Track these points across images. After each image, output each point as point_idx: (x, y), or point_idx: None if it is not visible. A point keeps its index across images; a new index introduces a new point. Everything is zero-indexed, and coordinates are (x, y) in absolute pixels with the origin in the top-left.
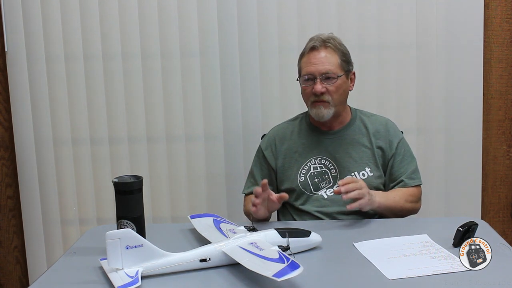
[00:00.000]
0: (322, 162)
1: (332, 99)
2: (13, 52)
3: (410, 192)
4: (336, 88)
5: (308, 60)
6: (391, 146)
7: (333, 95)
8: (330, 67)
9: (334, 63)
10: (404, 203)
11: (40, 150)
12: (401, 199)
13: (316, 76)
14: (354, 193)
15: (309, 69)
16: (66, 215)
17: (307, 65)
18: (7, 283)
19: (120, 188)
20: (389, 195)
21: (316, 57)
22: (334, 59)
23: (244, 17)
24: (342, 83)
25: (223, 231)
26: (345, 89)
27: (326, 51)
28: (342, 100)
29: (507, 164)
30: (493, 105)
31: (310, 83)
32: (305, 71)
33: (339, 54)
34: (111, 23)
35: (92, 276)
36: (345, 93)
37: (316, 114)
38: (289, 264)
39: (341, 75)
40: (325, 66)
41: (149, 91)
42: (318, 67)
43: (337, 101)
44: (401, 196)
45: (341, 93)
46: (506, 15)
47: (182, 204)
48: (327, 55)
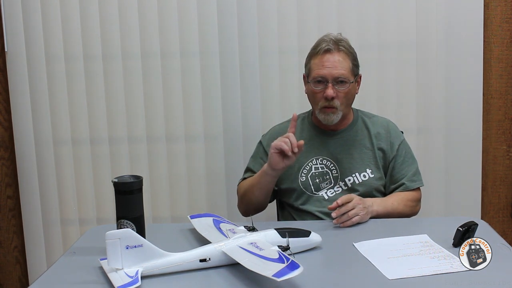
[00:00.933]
0: (323, 162)
1: (341, 104)
2: (13, 52)
3: (409, 196)
4: (346, 94)
5: (320, 62)
6: (392, 148)
7: (342, 101)
8: (343, 72)
9: (347, 68)
10: (403, 208)
11: (40, 150)
12: (399, 204)
13: (328, 80)
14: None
15: (321, 72)
16: (66, 215)
17: (320, 67)
18: (7, 283)
19: (120, 188)
20: (387, 202)
21: (329, 61)
22: (347, 64)
23: (244, 17)
24: (352, 88)
25: (223, 231)
26: (353, 94)
27: (339, 55)
28: (349, 104)
29: (507, 164)
30: (493, 105)
31: (321, 86)
32: (317, 73)
33: (351, 58)
34: (111, 23)
35: (92, 276)
36: (353, 98)
37: (324, 119)
38: (289, 264)
39: (352, 82)
40: (338, 70)
41: (149, 91)
42: (331, 71)
43: (345, 106)
44: (399, 201)
45: (349, 98)
46: (506, 15)
47: (182, 204)
48: (340, 59)
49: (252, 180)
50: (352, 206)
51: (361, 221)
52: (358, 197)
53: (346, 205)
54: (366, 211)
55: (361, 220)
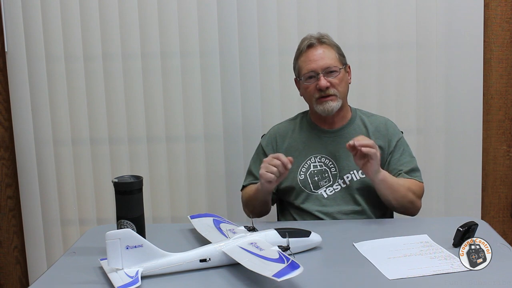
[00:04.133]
0: (322, 160)
1: (338, 91)
2: (13, 52)
3: (414, 183)
4: (340, 80)
5: (307, 58)
6: (390, 144)
7: (338, 88)
8: (330, 61)
9: (333, 57)
10: (407, 191)
11: (40, 150)
12: (404, 185)
13: (318, 72)
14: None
15: (310, 67)
16: (66, 215)
17: (307, 63)
18: (7, 283)
19: (120, 188)
20: (393, 178)
21: (315, 54)
22: (332, 54)
23: (244, 17)
24: (343, 75)
25: (223, 231)
26: (346, 82)
27: (322, 47)
28: (345, 93)
29: (507, 164)
30: (493, 105)
31: (312, 80)
32: (306, 69)
33: (335, 49)
34: (111, 23)
35: (92, 276)
36: (347, 86)
37: (323, 110)
38: (289, 264)
39: (342, 68)
40: (325, 61)
41: (149, 91)
42: (319, 63)
43: (343, 94)
44: (405, 182)
45: (344, 85)
46: (506, 15)
47: (182, 204)
48: (325, 50)
49: (250, 193)
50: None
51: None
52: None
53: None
54: (377, 162)
55: (373, 158)
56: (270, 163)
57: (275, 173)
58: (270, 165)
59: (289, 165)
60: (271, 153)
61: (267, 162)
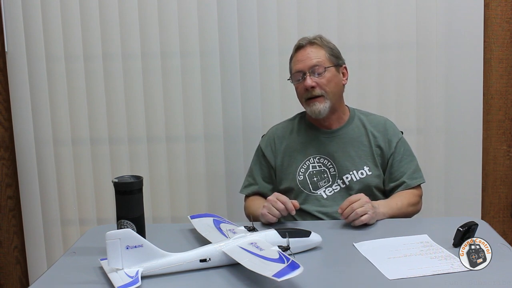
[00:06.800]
0: (321, 161)
1: (325, 92)
2: (13, 52)
3: (411, 195)
4: (327, 80)
5: (296, 60)
6: (390, 145)
7: (325, 88)
8: (316, 60)
9: (320, 56)
10: (407, 208)
11: (40, 150)
12: (403, 204)
13: (305, 72)
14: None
15: (297, 67)
16: (66, 215)
17: (295, 63)
18: (7, 283)
19: (120, 188)
20: (392, 203)
21: (302, 54)
22: (320, 54)
23: (244, 17)
24: (332, 75)
25: (223, 231)
26: (337, 82)
27: (311, 47)
28: (336, 93)
29: (507, 164)
30: (493, 105)
31: (301, 81)
32: (294, 69)
33: (326, 49)
34: (111, 23)
35: (92, 276)
36: (338, 87)
37: (312, 112)
38: (289, 264)
39: (329, 67)
40: (312, 60)
41: (149, 91)
42: (305, 62)
43: (331, 94)
44: (403, 201)
45: (333, 86)
46: (506, 15)
47: (182, 204)
48: (313, 50)
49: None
50: (359, 204)
51: (370, 221)
52: (366, 197)
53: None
54: (374, 211)
55: (370, 221)
56: (274, 205)
57: (277, 216)
58: (274, 208)
59: (294, 211)
60: (270, 154)
61: (272, 203)
